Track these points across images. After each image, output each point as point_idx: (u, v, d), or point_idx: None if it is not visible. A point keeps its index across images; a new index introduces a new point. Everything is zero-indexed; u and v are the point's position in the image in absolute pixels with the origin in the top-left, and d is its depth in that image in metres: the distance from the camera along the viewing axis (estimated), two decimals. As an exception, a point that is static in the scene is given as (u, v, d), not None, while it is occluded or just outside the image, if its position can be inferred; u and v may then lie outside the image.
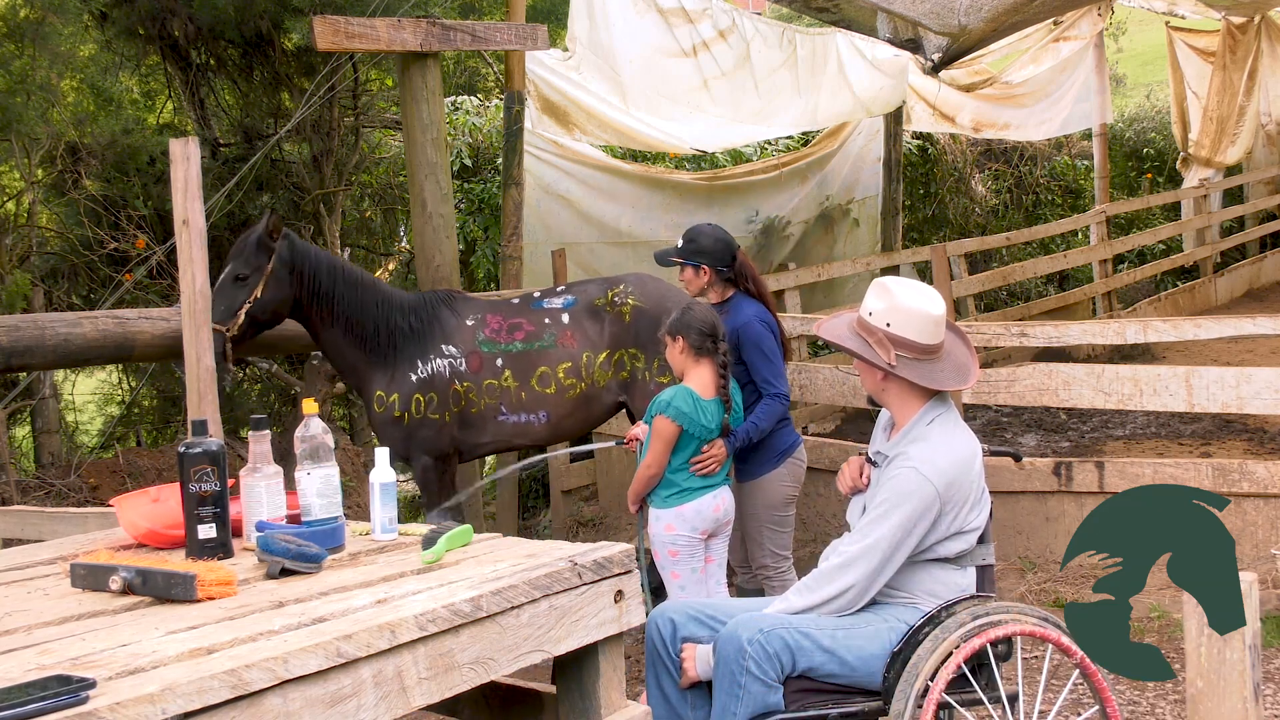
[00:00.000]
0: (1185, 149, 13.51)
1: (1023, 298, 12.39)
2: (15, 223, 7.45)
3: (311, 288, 4.66)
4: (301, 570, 2.50)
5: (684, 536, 4.19)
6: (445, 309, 4.92)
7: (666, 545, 4.21)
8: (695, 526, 4.19)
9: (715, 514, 4.23)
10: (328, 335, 4.78)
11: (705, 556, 4.28)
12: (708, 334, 4.16)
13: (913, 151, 12.24)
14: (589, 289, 5.09)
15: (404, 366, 4.76)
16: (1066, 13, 10.83)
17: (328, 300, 4.69)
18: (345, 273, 4.76)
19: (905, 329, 3.08)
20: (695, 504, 4.19)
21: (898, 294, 3.11)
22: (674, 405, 4.12)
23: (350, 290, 4.72)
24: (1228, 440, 7.16)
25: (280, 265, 4.58)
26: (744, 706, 2.91)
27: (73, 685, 1.77)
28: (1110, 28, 12.81)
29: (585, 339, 4.96)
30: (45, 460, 7.53)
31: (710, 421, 4.17)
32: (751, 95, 8.51)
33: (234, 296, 4.52)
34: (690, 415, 4.12)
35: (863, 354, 3.12)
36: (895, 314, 3.09)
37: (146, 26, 7.55)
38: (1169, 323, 5.64)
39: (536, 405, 4.89)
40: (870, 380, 3.19)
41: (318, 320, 4.74)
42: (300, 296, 4.66)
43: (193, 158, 3.85)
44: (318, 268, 4.67)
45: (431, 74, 5.68)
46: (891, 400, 3.16)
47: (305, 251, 4.67)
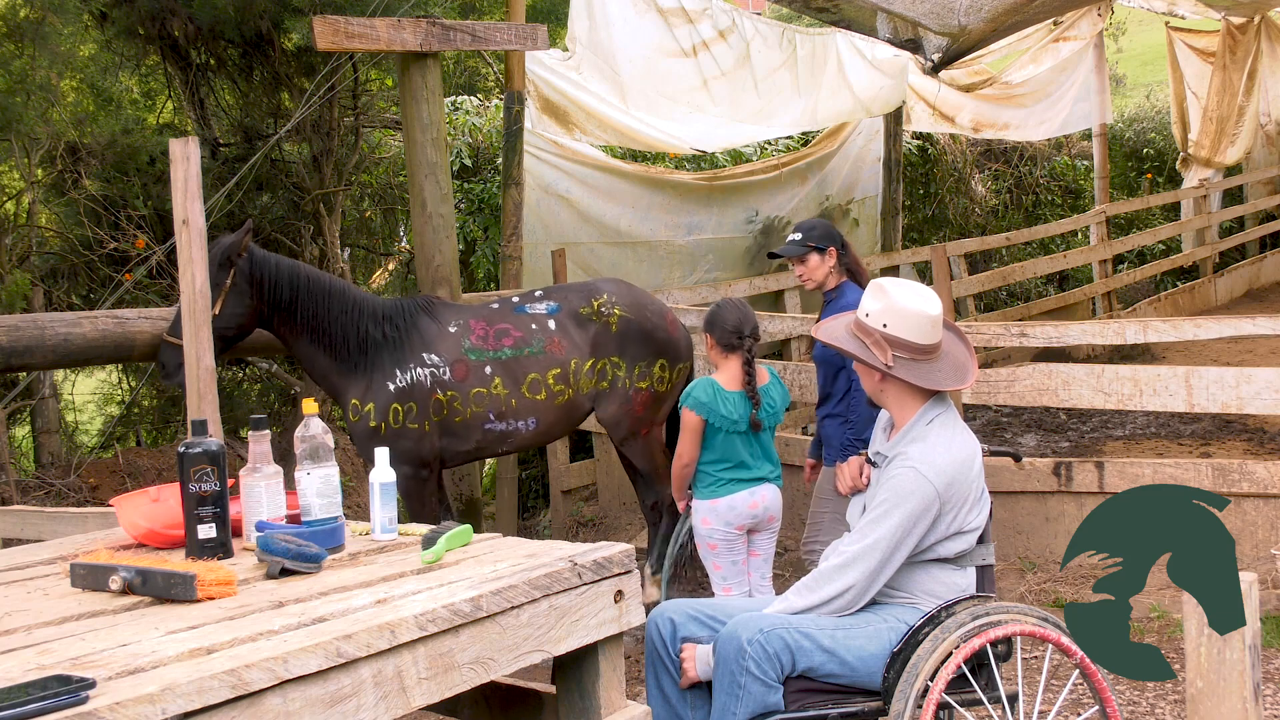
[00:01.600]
0: (1185, 149, 13.51)
1: (1023, 298, 12.39)
2: (15, 223, 7.44)
3: (272, 299, 4.56)
4: (301, 570, 2.50)
5: (719, 530, 4.28)
6: (425, 316, 4.84)
7: (704, 539, 4.32)
8: (729, 521, 4.27)
9: (752, 510, 4.30)
10: (296, 345, 4.70)
11: (750, 551, 4.37)
12: (733, 330, 4.30)
13: (913, 151, 12.24)
14: (569, 296, 5.09)
15: (379, 376, 4.68)
16: (1066, 13, 10.83)
17: (290, 310, 4.60)
18: (311, 282, 4.64)
19: (902, 330, 3.08)
20: (729, 499, 4.27)
21: (894, 295, 3.11)
22: (693, 396, 4.26)
23: (315, 300, 4.62)
24: (1228, 440, 7.16)
25: (240, 278, 4.49)
26: (744, 706, 2.91)
27: (73, 685, 1.77)
28: (1110, 28, 12.82)
29: (572, 345, 4.96)
30: (45, 460, 7.53)
31: (733, 412, 4.24)
32: (751, 95, 8.51)
33: None
34: (709, 405, 4.22)
35: (860, 355, 3.12)
36: (892, 315, 3.09)
37: (146, 26, 7.54)
38: (1169, 323, 5.64)
39: (527, 412, 4.88)
40: (869, 381, 3.19)
41: (285, 331, 4.66)
42: (262, 308, 4.57)
43: (192, 158, 3.85)
44: (278, 278, 4.56)
45: (431, 74, 5.68)
46: (890, 401, 3.17)
47: (264, 262, 4.56)
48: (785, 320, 7.74)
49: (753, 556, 4.39)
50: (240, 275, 4.50)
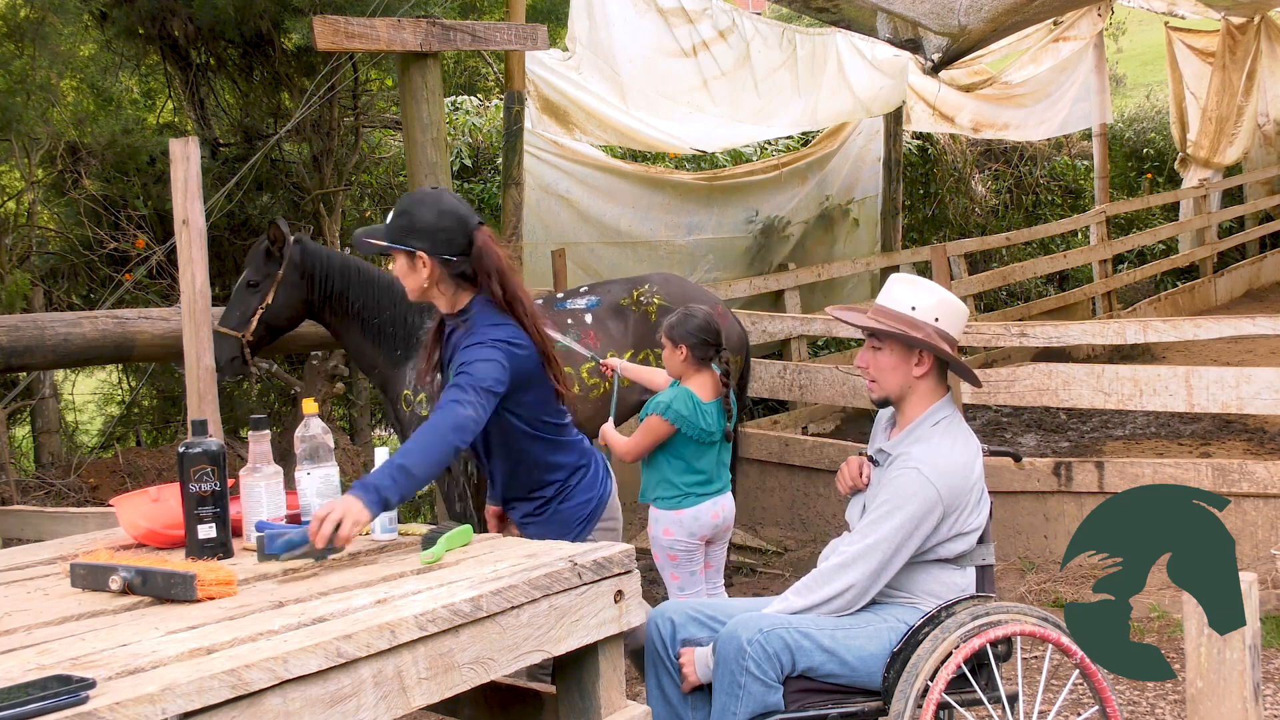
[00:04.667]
0: (1183, 149, 13.51)
1: (1023, 298, 12.39)
2: (15, 223, 7.44)
3: (324, 290, 4.65)
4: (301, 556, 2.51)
5: (682, 541, 4.19)
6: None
7: (665, 549, 4.21)
8: (694, 532, 4.19)
9: (714, 521, 4.23)
10: (346, 336, 4.77)
11: (705, 562, 4.27)
12: (711, 343, 4.18)
13: (913, 151, 12.23)
14: (613, 289, 5.17)
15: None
16: (1066, 13, 10.83)
17: (341, 302, 4.68)
18: (360, 273, 4.73)
19: (950, 325, 3.08)
20: (694, 510, 4.18)
21: (940, 291, 3.12)
22: (673, 409, 4.12)
23: (364, 290, 4.69)
24: (1228, 440, 7.16)
25: (292, 269, 4.58)
26: (744, 706, 2.91)
27: (73, 685, 1.77)
28: (1110, 28, 12.81)
29: (609, 339, 5.02)
30: (45, 460, 7.53)
31: (710, 424, 4.17)
32: (751, 95, 8.50)
33: (247, 303, 4.56)
34: (689, 419, 4.12)
35: (937, 348, 3.04)
36: (943, 309, 3.08)
37: (146, 26, 7.54)
38: (1169, 323, 5.64)
39: None
40: (900, 375, 3.09)
41: (334, 322, 4.74)
42: (313, 299, 4.66)
43: (193, 158, 3.85)
44: (330, 270, 4.66)
45: (431, 74, 5.68)
46: (914, 397, 3.11)
47: (317, 254, 4.66)
48: (785, 320, 7.74)
49: (707, 568, 4.30)
50: (292, 266, 4.58)
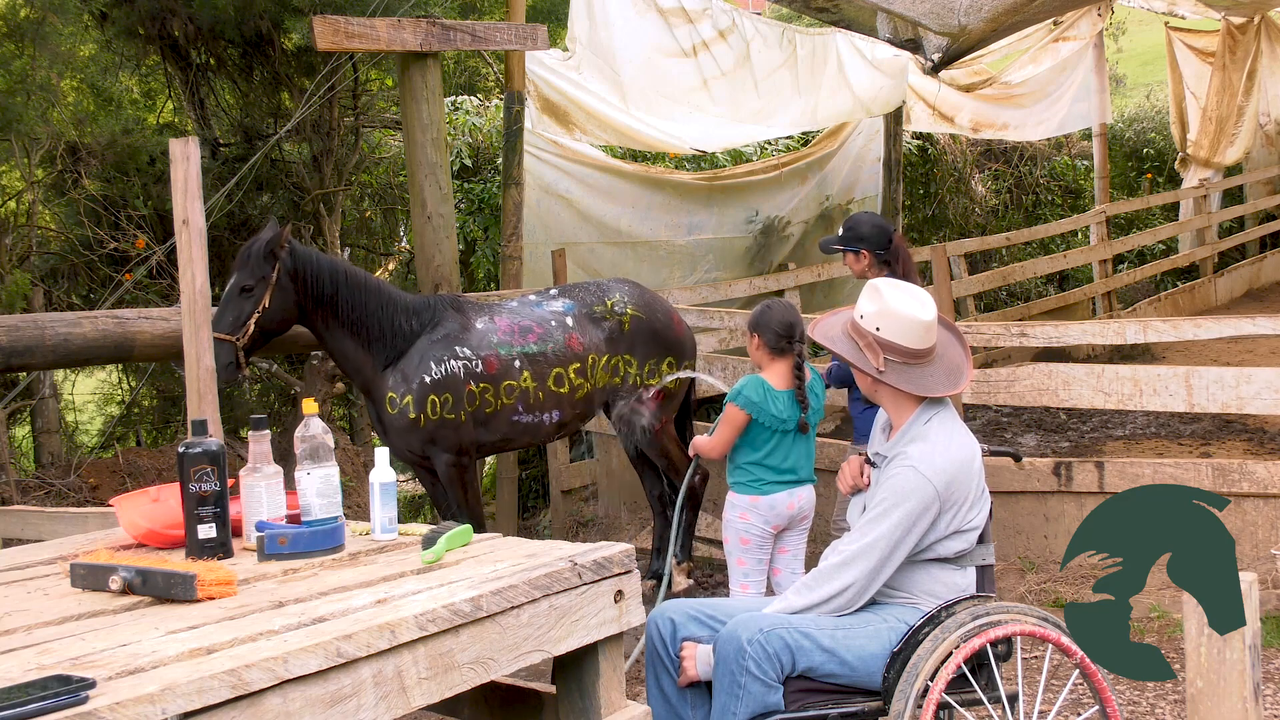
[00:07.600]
0: (1183, 149, 13.51)
1: (1022, 298, 12.39)
2: (15, 223, 7.44)
3: (314, 293, 4.68)
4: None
5: (756, 527, 4.31)
6: (454, 312, 4.99)
7: (739, 533, 4.33)
8: (768, 520, 4.31)
9: (789, 511, 4.34)
10: (332, 339, 4.81)
11: (779, 548, 4.41)
12: (784, 334, 4.31)
13: (913, 151, 12.24)
14: (583, 296, 5.30)
15: (415, 369, 4.80)
16: (1066, 13, 10.83)
17: (330, 305, 4.72)
18: (348, 276, 4.78)
19: (895, 334, 3.07)
20: (769, 499, 4.30)
21: (889, 298, 3.10)
22: (744, 394, 4.26)
23: (353, 294, 4.75)
24: (1228, 440, 7.16)
25: (284, 273, 4.60)
26: (744, 706, 2.91)
27: (73, 685, 1.77)
28: (1110, 28, 12.82)
29: (590, 342, 5.16)
30: (45, 460, 7.53)
31: (782, 411, 4.27)
32: (751, 95, 8.51)
33: (241, 307, 4.56)
34: (760, 404, 4.24)
35: (852, 359, 3.12)
36: (885, 318, 3.08)
37: (146, 26, 7.54)
38: (1169, 323, 5.64)
39: (551, 405, 5.06)
40: (863, 383, 3.20)
41: (321, 325, 4.77)
42: (303, 302, 4.68)
43: (193, 158, 3.84)
44: (320, 273, 4.69)
45: (431, 74, 5.68)
46: (885, 402, 3.17)
47: (307, 257, 4.69)
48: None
49: (782, 554, 4.42)
50: (283, 270, 4.60)
